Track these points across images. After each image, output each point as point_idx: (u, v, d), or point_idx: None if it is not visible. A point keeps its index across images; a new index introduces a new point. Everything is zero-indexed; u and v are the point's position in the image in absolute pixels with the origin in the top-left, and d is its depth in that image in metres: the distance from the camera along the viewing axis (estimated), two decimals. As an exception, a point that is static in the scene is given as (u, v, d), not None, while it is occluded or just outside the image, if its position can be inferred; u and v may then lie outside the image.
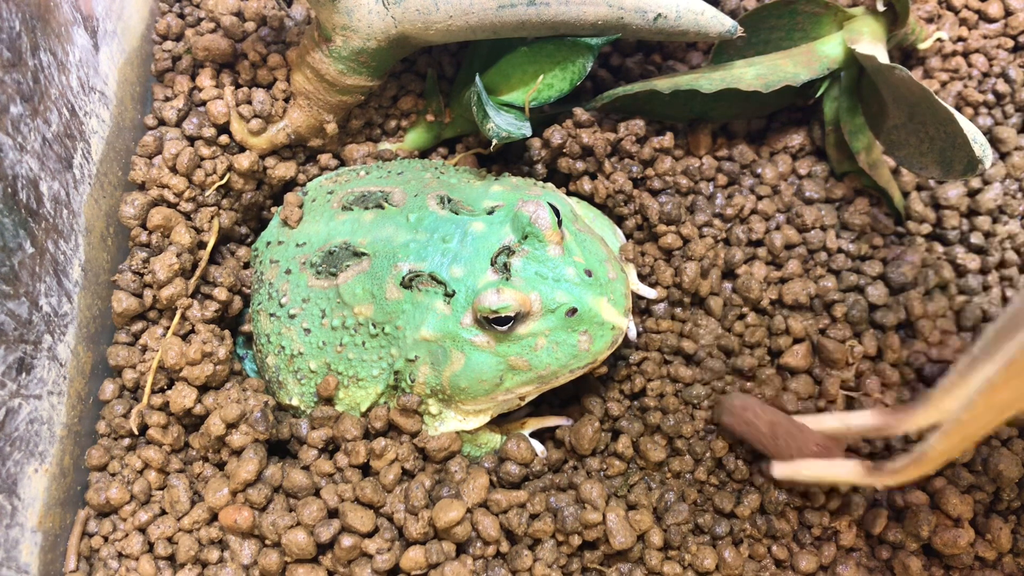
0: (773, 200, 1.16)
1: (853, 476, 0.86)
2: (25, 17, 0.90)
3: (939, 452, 0.77)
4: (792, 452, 0.90)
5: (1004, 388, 0.68)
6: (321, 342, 0.97)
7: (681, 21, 1.06)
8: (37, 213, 0.90)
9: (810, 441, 0.90)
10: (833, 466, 0.88)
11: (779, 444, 0.91)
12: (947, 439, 0.75)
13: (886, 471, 0.83)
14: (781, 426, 0.92)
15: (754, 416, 0.93)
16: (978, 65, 1.27)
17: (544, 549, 0.91)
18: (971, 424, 0.73)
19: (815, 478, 0.89)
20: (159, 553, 0.93)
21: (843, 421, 0.91)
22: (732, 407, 0.95)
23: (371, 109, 1.22)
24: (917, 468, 0.80)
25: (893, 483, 0.83)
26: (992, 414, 0.71)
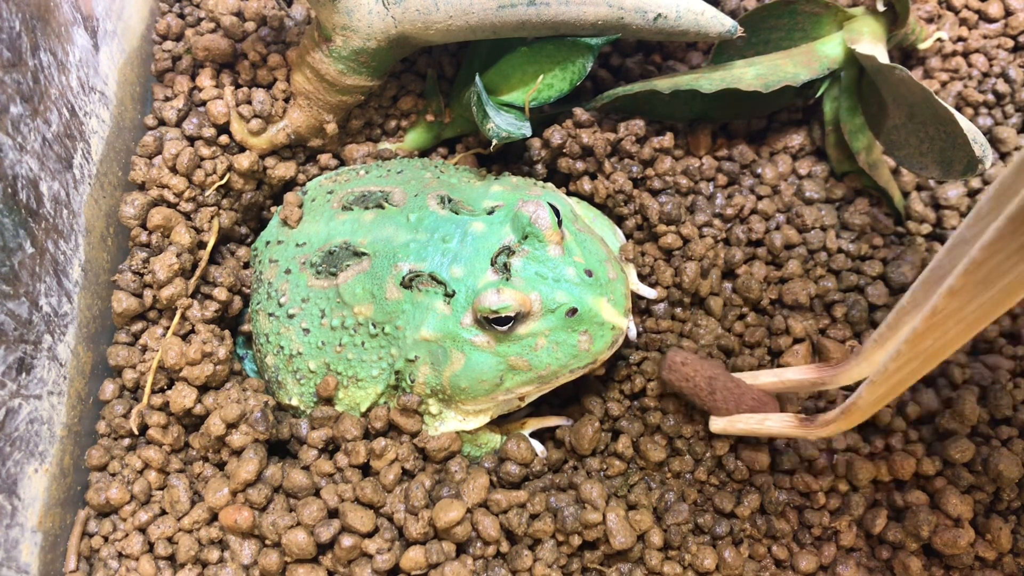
0: (773, 200, 1.16)
1: (786, 429, 0.88)
2: (25, 17, 0.90)
3: (868, 402, 0.79)
4: (729, 406, 0.93)
5: (927, 336, 0.70)
6: (320, 342, 0.97)
7: (681, 21, 1.06)
8: (37, 213, 0.90)
9: (747, 396, 0.93)
10: (767, 419, 0.90)
11: (717, 399, 0.93)
12: (875, 389, 0.77)
13: (818, 423, 0.85)
14: (719, 381, 0.94)
15: (693, 371, 0.95)
16: (978, 65, 1.27)
17: (544, 549, 0.91)
18: (897, 373, 0.74)
19: (750, 431, 0.91)
20: (159, 553, 0.93)
21: (779, 376, 0.94)
22: (672, 362, 0.97)
23: (371, 109, 1.22)
24: (847, 419, 0.82)
25: (825, 434, 0.85)
26: (917, 363, 0.73)
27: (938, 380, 1.05)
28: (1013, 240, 0.59)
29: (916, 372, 0.74)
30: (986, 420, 1.00)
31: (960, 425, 0.98)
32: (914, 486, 0.98)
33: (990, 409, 1.00)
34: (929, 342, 0.70)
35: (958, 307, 0.66)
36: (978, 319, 0.67)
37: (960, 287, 0.64)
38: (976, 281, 0.63)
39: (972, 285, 0.64)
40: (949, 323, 0.68)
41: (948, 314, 0.67)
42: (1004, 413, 1.00)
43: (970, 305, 0.66)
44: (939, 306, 0.66)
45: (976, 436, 1.00)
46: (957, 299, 0.65)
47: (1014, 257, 0.60)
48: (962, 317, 0.67)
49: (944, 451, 0.97)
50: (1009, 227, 0.58)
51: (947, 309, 0.66)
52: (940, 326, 0.68)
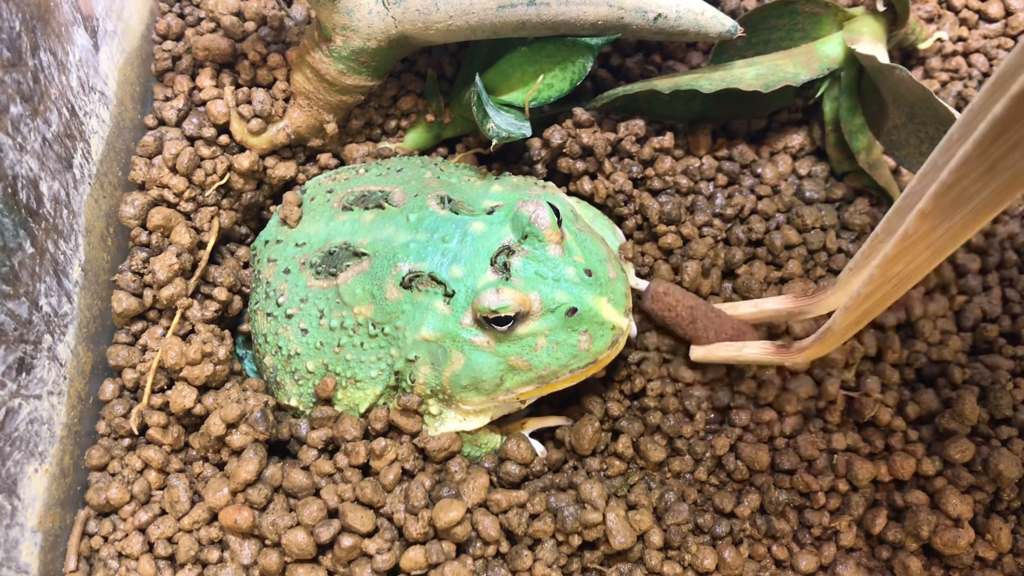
0: (773, 200, 1.16)
1: (764, 356, 0.90)
2: (25, 17, 0.90)
3: (842, 327, 0.80)
4: (710, 335, 0.96)
5: (898, 261, 0.71)
6: (319, 342, 0.97)
7: (681, 21, 1.06)
8: (37, 213, 0.90)
9: (726, 325, 0.96)
10: (746, 347, 0.92)
11: (697, 328, 0.96)
12: (848, 314, 0.79)
13: (794, 349, 0.87)
14: (699, 310, 0.97)
15: (675, 301, 0.98)
16: (978, 65, 1.27)
17: (544, 549, 0.91)
18: (870, 298, 0.76)
19: (729, 358, 0.94)
20: (159, 553, 0.93)
21: (758, 306, 0.96)
22: (655, 292, 0.99)
23: (371, 109, 1.22)
24: (822, 345, 0.84)
25: (802, 359, 0.87)
26: (889, 287, 0.75)
27: (938, 380, 1.05)
28: (980, 163, 0.60)
29: (888, 297, 0.76)
30: (986, 420, 1.00)
31: (960, 425, 0.98)
32: (914, 486, 0.98)
33: (990, 409, 1.00)
34: (900, 267, 0.72)
35: (928, 230, 0.67)
36: (947, 243, 0.69)
37: (930, 210, 0.65)
38: (946, 204, 0.65)
39: (942, 208, 0.65)
40: (920, 247, 0.69)
41: (919, 237, 0.68)
42: (1004, 413, 1.00)
43: (939, 228, 0.67)
44: (910, 229, 0.68)
45: (976, 436, 1.00)
46: (927, 222, 0.67)
47: (981, 180, 0.62)
48: (932, 241, 0.69)
49: (944, 451, 0.97)
50: (976, 151, 0.60)
51: (918, 232, 0.68)
52: (911, 250, 0.70)
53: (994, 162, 0.60)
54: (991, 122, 0.57)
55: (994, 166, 0.60)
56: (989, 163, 0.60)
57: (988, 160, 0.60)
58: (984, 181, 0.62)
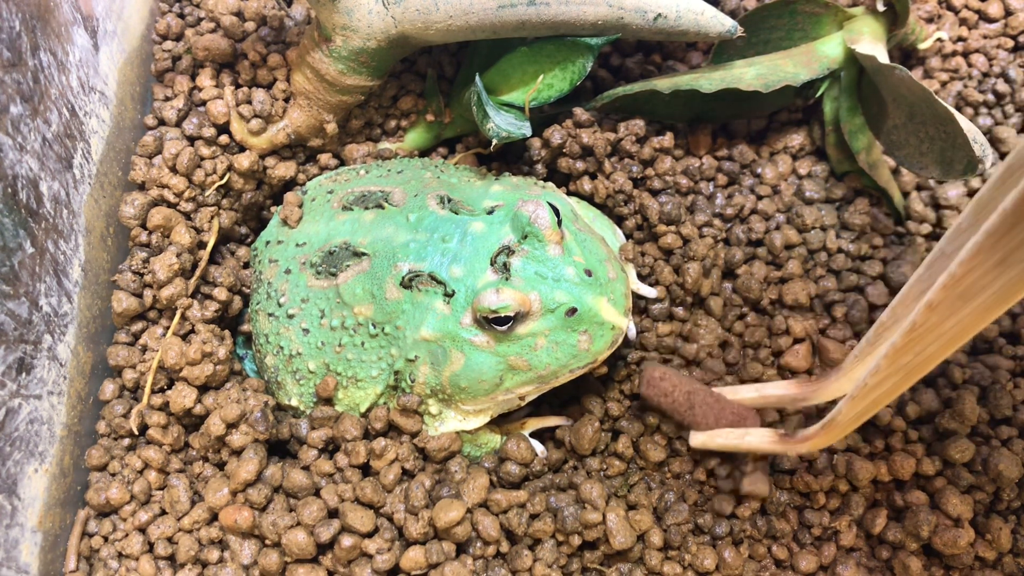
0: (773, 200, 1.16)
1: (766, 444, 0.87)
2: (25, 17, 0.90)
3: (848, 418, 0.78)
4: (709, 421, 0.92)
5: (906, 352, 0.69)
6: (320, 342, 0.97)
7: (681, 21, 1.06)
8: (37, 213, 0.90)
9: (726, 411, 0.92)
10: (748, 434, 0.89)
11: (696, 413, 0.92)
12: (855, 404, 0.76)
13: (798, 438, 0.84)
14: (698, 395, 0.93)
15: (672, 386, 0.94)
16: (978, 65, 1.27)
17: (544, 549, 0.91)
18: (877, 388, 0.74)
19: (730, 446, 0.90)
20: (159, 553, 0.93)
21: (759, 391, 0.93)
22: (651, 377, 0.95)
23: (371, 109, 1.22)
24: (828, 435, 0.81)
25: (805, 450, 0.84)
26: (897, 378, 0.72)
27: (938, 380, 1.05)
28: (992, 254, 0.59)
29: (896, 387, 0.74)
30: (986, 420, 1.00)
31: (960, 425, 0.98)
32: (914, 486, 0.98)
33: (990, 409, 1.00)
34: (909, 357, 0.70)
35: (937, 322, 0.65)
36: (957, 334, 0.67)
37: (939, 301, 0.63)
38: (955, 296, 0.63)
39: (951, 300, 0.63)
40: (928, 338, 0.67)
41: (927, 329, 0.66)
42: (1004, 413, 1.00)
43: (949, 320, 0.65)
44: (918, 321, 0.66)
45: (976, 436, 1.00)
46: (936, 314, 0.65)
47: (993, 272, 0.60)
48: (942, 332, 0.67)
49: (944, 451, 0.97)
50: (988, 241, 0.58)
51: (926, 324, 0.66)
52: (919, 341, 0.68)
53: (1006, 255, 0.58)
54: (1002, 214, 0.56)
55: (1006, 259, 0.58)
56: (1001, 255, 0.58)
57: (1000, 252, 0.58)
58: (996, 274, 0.60)
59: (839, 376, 0.85)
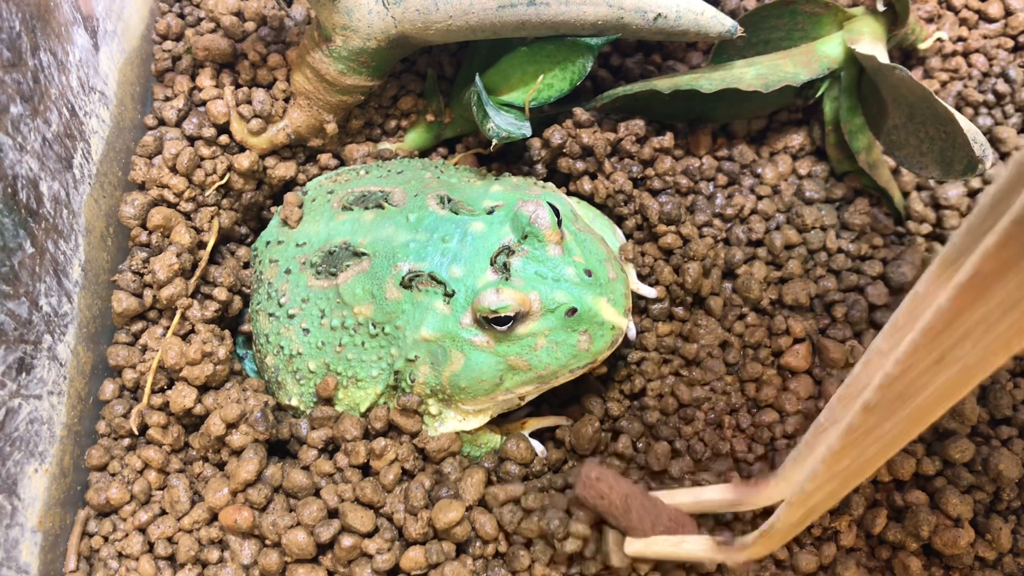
0: (773, 200, 1.16)
1: (705, 553, 0.82)
2: (25, 17, 0.90)
3: (787, 525, 0.73)
4: (646, 527, 0.86)
5: (844, 456, 0.65)
6: (320, 342, 0.97)
7: (681, 21, 1.06)
8: (37, 213, 0.90)
9: (663, 515, 0.87)
10: (685, 542, 0.84)
11: (632, 518, 0.87)
12: (793, 511, 0.72)
13: (736, 548, 0.80)
14: (635, 499, 0.87)
15: (608, 488, 0.88)
16: (978, 65, 1.27)
17: (538, 549, 0.91)
18: (816, 494, 0.69)
19: (667, 554, 0.85)
20: (159, 553, 0.93)
21: (696, 496, 0.88)
22: (587, 478, 0.89)
23: (371, 109, 1.22)
24: (766, 543, 0.76)
25: (743, 559, 0.79)
26: (835, 484, 0.68)
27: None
28: (928, 353, 0.56)
29: (835, 493, 0.70)
30: (986, 420, 1.00)
31: (960, 425, 0.98)
32: (914, 486, 0.98)
33: (990, 409, 1.00)
34: (847, 461, 0.66)
35: (875, 424, 0.62)
36: (896, 437, 0.63)
37: (876, 403, 0.60)
38: (892, 397, 0.59)
39: (888, 401, 0.60)
40: (867, 441, 0.64)
41: (865, 431, 0.63)
42: (1004, 413, 1.00)
43: (888, 422, 0.62)
44: (855, 423, 0.62)
45: (976, 436, 1.00)
46: (874, 416, 0.61)
47: (931, 371, 0.57)
48: (880, 435, 0.63)
49: (944, 451, 0.97)
50: (924, 339, 0.55)
51: (864, 426, 0.62)
52: (857, 444, 0.64)
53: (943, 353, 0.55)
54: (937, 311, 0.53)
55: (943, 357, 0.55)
56: (938, 354, 0.55)
57: (937, 351, 0.55)
58: (933, 373, 0.57)
59: (777, 480, 0.80)
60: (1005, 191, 0.54)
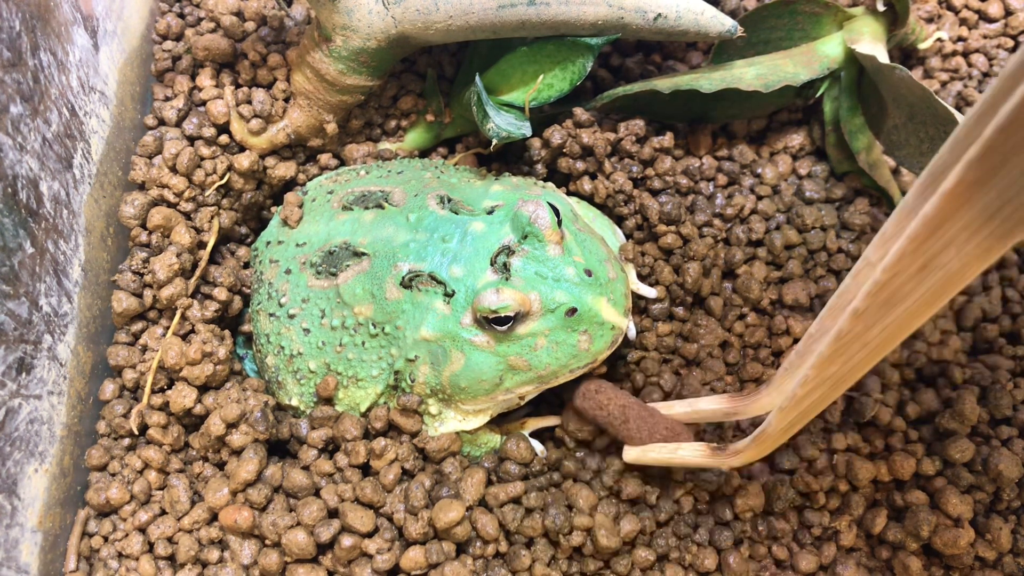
0: (773, 200, 1.16)
1: (698, 458, 0.88)
2: (25, 17, 0.90)
3: (777, 430, 0.78)
4: (643, 436, 0.92)
5: (833, 361, 0.69)
6: (320, 342, 0.97)
7: (681, 21, 1.06)
8: (37, 213, 0.90)
9: (660, 425, 0.93)
10: (680, 448, 0.90)
11: (630, 428, 0.93)
12: (784, 416, 0.76)
13: (729, 453, 0.85)
14: (632, 410, 0.93)
15: (607, 399, 0.95)
16: (978, 65, 1.27)
17: (539, 548, 0.91)
18: (806, 399, 0.74)
19: (663, 461, 0.91)
20: (159, 553, 0.93)
21: (692, 406, 0.93)
22: (587, 390, 0.96)
23: (371, 109, 1.22)
24: (758, 448, 0.82)
25: (737, 463, 0.85)
26: (824, 389, 0.73)
27: (938, 380, 1.05)
28: (914, 260, 0.59)
29: (824, 398, 0.74)
30: (986, 420, 1.00)
31: (960, 425, 0.98)
32: (914, 486, 0.98)
33: (990, 409, 1.00)
34: (836, 367, 0.70)
35: (863, 330, 0.66)
36: (883, 343, 0.67)
37: (864, 309, 0.63)
38: (880, 303, 0.63)
39: (876, 307, 0.63)
40: (854, 347, 0.67)
41: (853, 337, 0.66)
42: (1004, 413, 1.00)
43: (874, 328, 0.65)
44: (844, 329, 0.66)
45: (976, 436, 1.00)
46: (861, 322, 0.65)
47: (915, 278, 0.60)
48: (867, 341, 0.67)
49: (944, 451, 0.97)
50: (910, 247, 0.58)
51: (852, 332, 0.66)
52: (846, 350, 0.68)
53: (928, 259, 0.58)
54: (923, 219, 0.56)
55: (927, 264, 0.59)
56: (923, 261, 0.59)
57: (922, 258, 0.58)
58: (918, 279, 0.60)
59: (770, 390, 0.85)
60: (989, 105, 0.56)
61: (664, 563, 0.93)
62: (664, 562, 0.93)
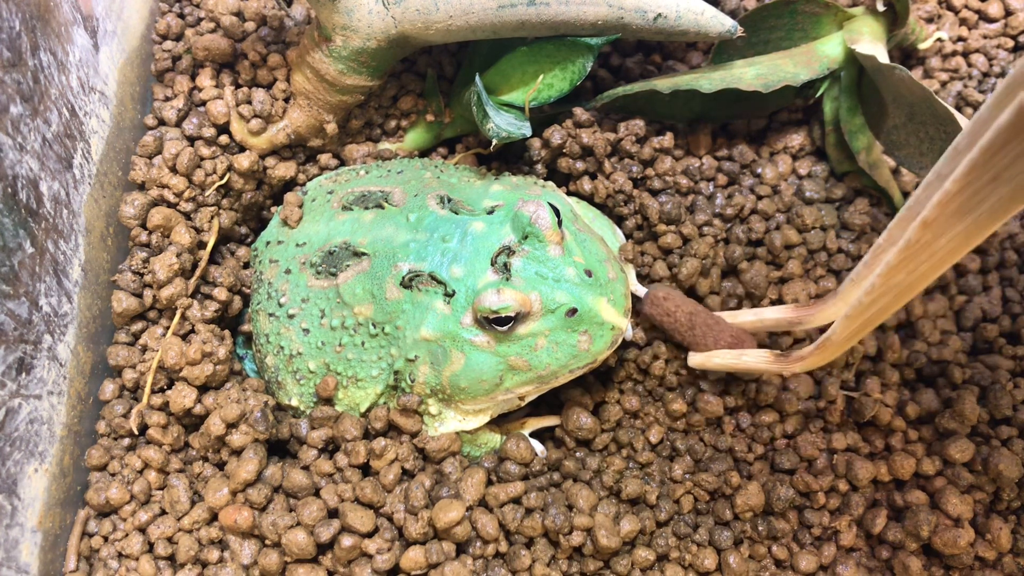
0: (773, 200, 1.16)
1: (762, 364, 0.90)
2: (25, 17, 0.90)
3: (842, 338, 0.80)
4: (708, 342, 0.95)
5: (900, 270, 0.71)
6: (320, 342, 0.97)
7: (681, 21, 1.06)
8: (37, 213, 0.90)
9: (725, 332, 0.95)
10: (744, 355, 0.92)
11: (696, 334, 0.96)
12: (849, 323, 0.78)
13: (793, 358, 0.87)
14: (699, 317, 0.96)
15: (674, 307, 0.97)
16: (978, 65, 1.27)
17: (538, 548, 0.91)
18: (871, 308, 0.76)
19: (727, 366, 0.93)
20: (159, 553, 0.93)
21: (758, 315, 0.96)
22: (655, 297, 0.99)
23: (371, 109, 1.22)
24: (822, 354, 0.83)
25: (800, 369, 0.87)
26: (889, 297, 0.74)
27: (938, 380, 1.05)
28: (985, 171, 0.60)
29: (888, 307, 0.76)
30: (986, 420, 1.00)
31: (960, 425, 0.98)
32: (914, 486, 0.98)
33: (990, 409, 1.01)
34: (902, 276, 0.72)
35: (931, 239, 0.67)
36: (949, 253, 0.68)
37: (933, 219, 0.65)
38: (949, 213, 0.64)
39: (945, 217, 0.65)
40: (922, 256, 0.69)
41: (921, 246, 0.68)
42: (1004, 413, 1.00)
43: (942, 238, 0.67)
44: (913, 238, 0.68)
45: (976, 436, 1.00)
46: (930, 231, 0.67)
47: (986, 189, 0.61)
48: (934, 250, 0.68)
49: (944, 451, 0.97)
50: (982, 158, 0.59)
51: (920, 241, 0.68)
52: (913, 259, 0.70)
53: (999, 171, 0.59)
54: (996, 131, 0.57)
55: (999, 175, 0.60)
56: (994, 172, 0.60)
57: (993, 169, 0.60)
58: (989, 190, 0.61)
59: (836, 299, 0.87)
60: None
61: (664, 563, 0.93)
62: (664, 562, 0.93)
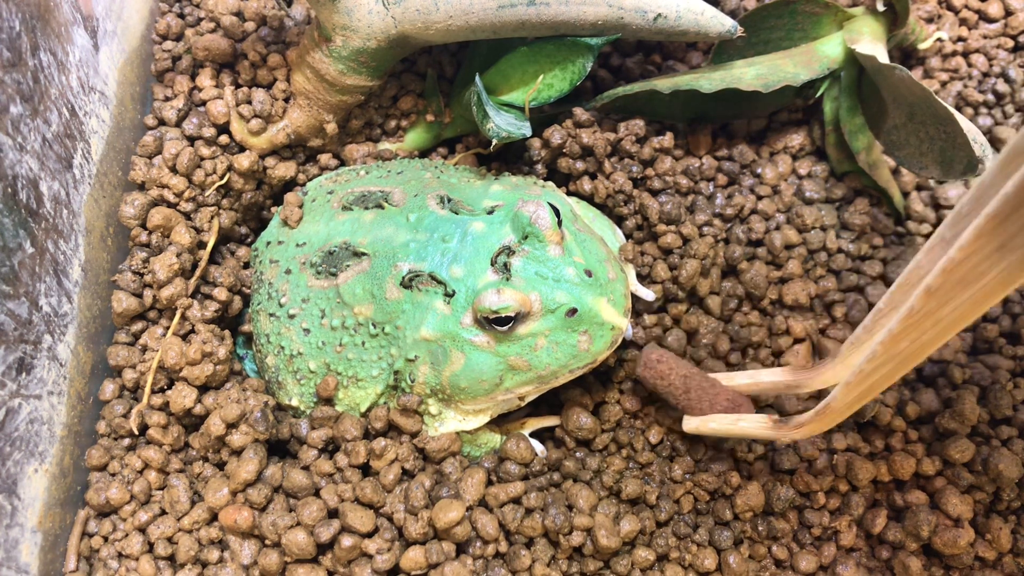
0: (773, 200, 1.16)
1: (760, 430, 0.87)
2: (25, 17, 0.90)
3: (843, 404, 0.78)
4: (703, 406, 0.92)
5: (903, 338, 0.69)
6: (320, 342, 0.97)
7: (681, 21, 1.06)
8: (37, 213, 0.90)
9: (721, 396, 0.92)
10: (741, 419, 0.89)
11: (691, 397, 0.92)
12: (850, 391, 0.76)
13: (792, 425, 0.84)
14: (693, 380, 0.93)
15: (668, 369, 0.94)
16: (978, 65, 1.27)
17: (538, 548, 0.91)
18: (873, 375, 0.74)
19: (723, 431, 0.90)
20: (159, 553, 0.93)
21: (754, 378, 0.93)
22: (648, 359, 0.95)
23: (371, 109, 1.22)
24: (822, 421, 0.81)
25: (799, 436, 0.84)
26: (892, 365, 0.72)
27: (938, 380, 1.05)
28: (992, 239, 0.58)
29: (891, 375, 0.74)
30: (986, 420, 1.00)
31: (960, 425, 0.98)
32: (914, 486, 0.98)
33: (990, 409, 1.01)
34: (905, 344, 0.70)
35: (935, 307, 0.65)
36: (955, 321, 0.66)
37: (938, 287, 0.63)
38: (954, 281, 0.63)
39: (950, 285, 0.63)
40: (926, 324, 0.67)
41: (925, 315, 0.66)
42: (1004, 413, 1.00)
43: (947, 306, 0.65)
44: (916, 306, 0.66)
45: (976, 436, 1.00)
46: (934, 299, 0.65)
47: (993, 257, 0.60)
48: (939, 318, 0.66)
49: (944, 451, 0.97)
50: (988, 225, 0.58)
51: (924, 309, 0.66)
52: (916, 327, 0.68)
53: (1007, 239, 0.58)
54: (1003, 199, 0.55)
55: (1006, 244, 0.58)
56: (1000, 241, 0.58)
57: (1000, 237, 0.58)
58: (996, 259, 0.59)
59: (834, 363, 0.85)
60: None
61: (664, 563, 0.93)
62: (664, 562, 0.93)
